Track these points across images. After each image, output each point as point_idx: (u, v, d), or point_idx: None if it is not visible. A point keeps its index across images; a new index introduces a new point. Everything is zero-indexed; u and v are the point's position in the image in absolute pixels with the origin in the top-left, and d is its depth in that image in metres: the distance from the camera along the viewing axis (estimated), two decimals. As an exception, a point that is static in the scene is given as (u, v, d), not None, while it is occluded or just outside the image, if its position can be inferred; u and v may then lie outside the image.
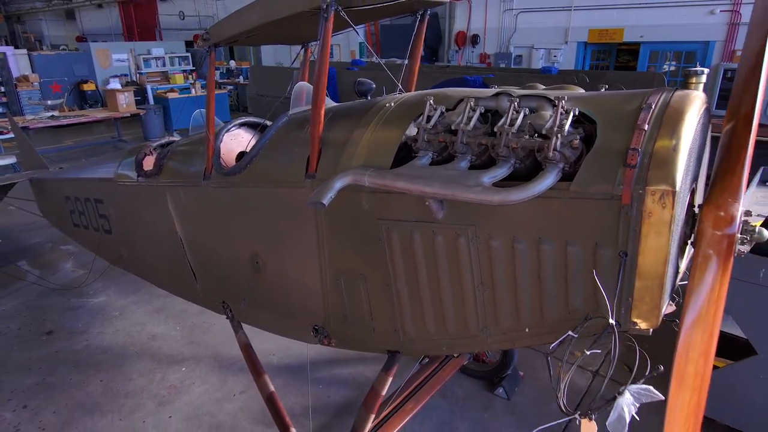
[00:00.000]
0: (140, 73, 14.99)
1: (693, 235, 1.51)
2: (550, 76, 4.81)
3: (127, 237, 3.72)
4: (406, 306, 2.04)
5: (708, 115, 1.70)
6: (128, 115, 10.40)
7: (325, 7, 1.90)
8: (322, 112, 2.09)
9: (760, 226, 1.50)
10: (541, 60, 11.92)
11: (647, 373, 1.40)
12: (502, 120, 1.62)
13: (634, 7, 10.44)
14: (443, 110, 1.83)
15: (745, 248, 1.50)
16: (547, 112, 1.61)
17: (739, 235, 1.45)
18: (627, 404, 1.33)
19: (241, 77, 15.68)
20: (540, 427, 1.67)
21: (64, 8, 29.28)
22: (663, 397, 1.36)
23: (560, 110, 1.53)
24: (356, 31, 2.31)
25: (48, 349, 3.93)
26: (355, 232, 2.06)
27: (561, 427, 1.79)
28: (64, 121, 9.44)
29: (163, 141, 3.66)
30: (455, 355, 3.10)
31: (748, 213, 1.57)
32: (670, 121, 1.42)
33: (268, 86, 7.59)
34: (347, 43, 15.50)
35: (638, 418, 1.37)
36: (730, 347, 2.92)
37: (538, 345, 1.81)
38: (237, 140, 3.03)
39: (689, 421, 1.53)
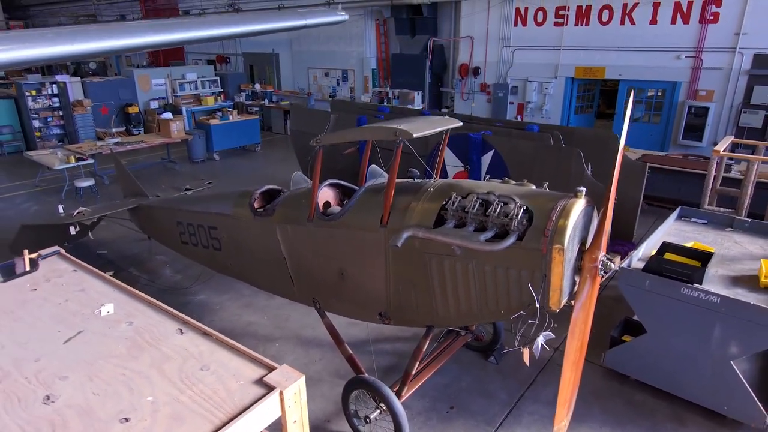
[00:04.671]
0: (176, 96, 16.71)
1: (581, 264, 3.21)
2: (533, 133, 6.50)
3: (235, 253, 5.38)
4: (438, 300, 3.73)
5: (592, 207, 3.39)
6: (179, 140, 12.12)
7: (397, 140, 3.61)
8: (392, 192, 3.78)
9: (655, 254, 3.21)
10: (534, 91, 13.65)
11: (549, 327, 3.11)
12: (491, 209, 3.32)
13: (613, 50, 12.17)
14: (460, 198, 3.52)
15: (603, 273, 3.19)
16: (512, 205, 3.31)
17: (600, 267, 3.15)
18: (540, 341, 3.03)
19: (266, 100, 17.40)
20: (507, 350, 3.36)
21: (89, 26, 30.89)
22: (554, 336, 3.07)
23: (517, 206, 3.23)
24: (415, 154, 4.02)
25: (176, 331, 5.60)
26: (411, 259, 3.75)
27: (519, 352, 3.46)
28: (129, 147, 11.15)
29: (263, 189, 5.31)
30: (462, 333, 4.82)
31: (607, 257, 3.26)
32: (564, 214, 3.11)
33: (305, 124, 9.29)
34: (361, 69, 17.18)
35: (547, 348, 3.07)
36: (634, 329, 4.63)
37: (506, 320, 3.50)
38: (324, 194, 4.74)
39: (577, 355, 3.23)
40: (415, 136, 3.59)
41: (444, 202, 3.57)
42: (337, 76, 17.93)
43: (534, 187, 3.61)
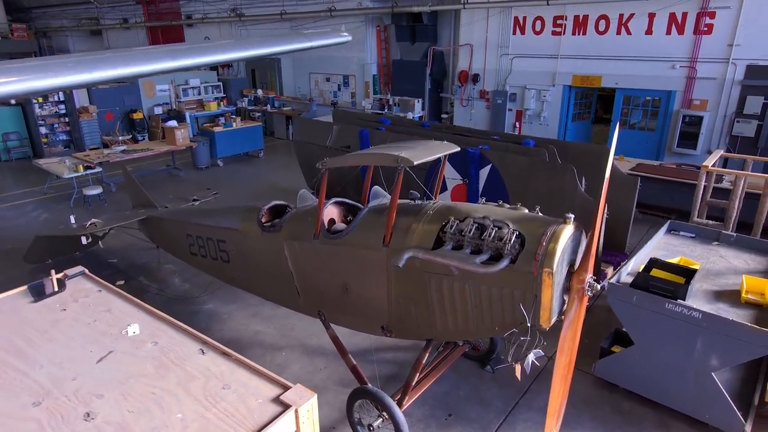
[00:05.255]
0: (179, 101, 16.95)
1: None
2: (529, 148, 6.75)
3: (243, 266, 5.62)
4: (437, 316, 3.97)
5: (580, 231, 3.63)
6: (183, 147, 12.37)
7: (398, 167, 3.85)
8: (394, 213, 4.02)
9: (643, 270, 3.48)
10: (532, 99, 13.88)
11: (539, 344, 3.36)
12: (485, 233, 3.56)
13: (610, 59, 12.40)
14: (458, 221, 3.77)
15: (590, 294, 3.44)
16: (505, 229, 3.55)
17: (587, 288, 3.40)
18: (531, 358, 3.28)
19: (268, 105, 17.64)
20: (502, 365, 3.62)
21: (92, 28, 31.14)
22: (543, 353, 3.32)
23: (510, 231, 3.48)
24: (416, 179, 4.26)
25: (187, 340, 5.86)
26: (411, 277, 3.99)
27: (509, 374, 3.71)
28: (136, 155, 11.40)
29: (270, 204, 5.54)
30: (460, 344, 5.07)
31: (593, 278, 3.50)
32: (554, 239, 3.36)
33: (308, 135, 9.54)
34: (362, 75, 17.42)
35: (537, 364, 3.31)
36: (623, 339, 4.89)
37: (500, 336, 3.75)
38: (329, 211, 4.98)
39: (566, 369, 3.48)
40: (415, 163, 3.84)
41: (443, 225, 3.82)
42: (338, 82, 18.16)
43: (527, 211, 3.85)
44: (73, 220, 7.70)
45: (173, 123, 12.11)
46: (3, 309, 3.27)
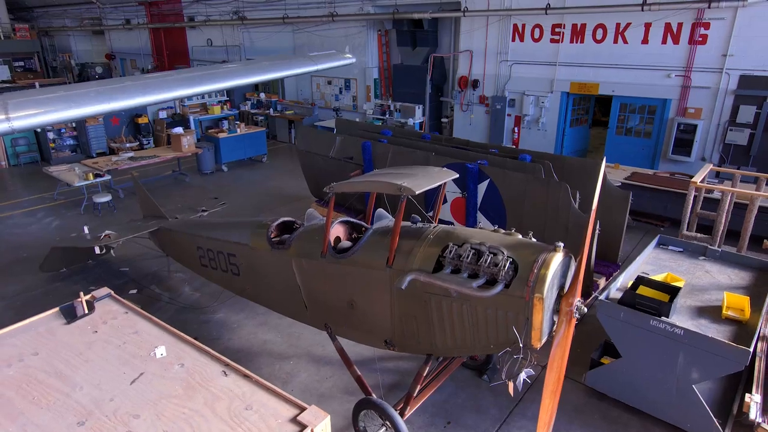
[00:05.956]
0: (183, 105, 17.20)
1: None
2: (525, 164, 7.03)
3: (253, 279, 5.91)
4: (437, 332, 4.28)
5: (569, 257, 3.93)
6: (189, 154, 12.66)
7: (401, 195, 4.15)
8: (397, 238, 4.32)
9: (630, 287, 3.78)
10: (531, 105, 14.14)
11: (530, 363, 3.67)
12: (482, 259, 3.86)
13: (607, 67, 12.66)
14: (456, 246, 4.06)
15: (578, 316, 3.74)
16: (500, 256, 3.85)
17: (575, 311, 3.70)
18: (522, 376, 3.59)
19: (270, 109, 17.90)
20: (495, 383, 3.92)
21: (94, 29, 31.31)
22: (534, 373, 3.62)
23: (505, 257, 3.77)
24: (417, 205, 4.55)
25: (199, 348, 6.18)
26: (413, 297, 4.29)
27: (504, 384, 4.01)
28: (143, 162, 11.69)
29: (279, 221, 5.83)
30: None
31: (581, 301, 3.80)
32: (545, 266, 3.66)
33: (312, 145, 9.81)
34: (363, 79, 17.67)
35: (529, 381, 3.62)
36: (613, 350, 5.20)
37: (496, 353, 4.05)
38: (335, 230, 5.27)
39: (555, 386, 3.78)
40: (416, 192, 4.13)
41: (443, 249, 4.11)
42: (339, 85, 18.41)
43: (521, 236, 4.15)
44: (87, 231, 7.99)
45: (179, 130, 12.37)
46: (39, 330, 3.58)
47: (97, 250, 7.71)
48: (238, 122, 14.65)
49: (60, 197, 11.77)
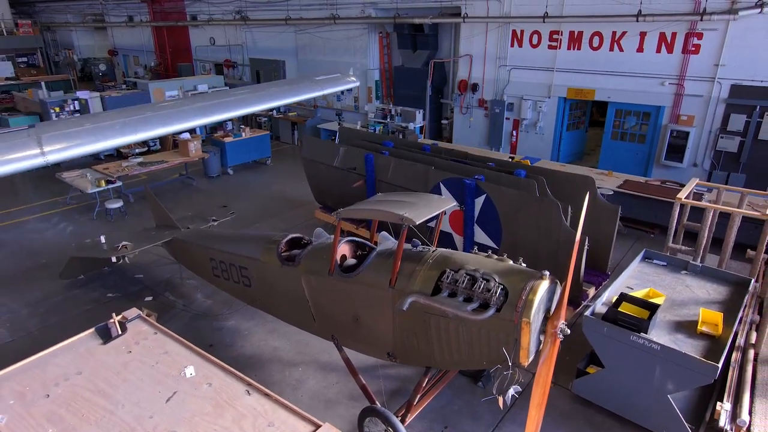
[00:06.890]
0: (188, 107, 17.54)
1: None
2: (519, 180, 7.42)
3: (264, 291, 6.32)
4: (435, 348, 4.70)
5: (555, 284, 4.34)
6: (196, 159, 13.04)
7: (403, 225, 4.55)
8: (399, 262, 4.73)
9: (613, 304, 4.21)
10: (529, 109, 14.48)
11: (518, 380, 4.10)
12: (476, 285, 4.27)
13: (603, 73, 12.98)
14: (453, 272, 4.47)
15: (562, 337, 4.16)
16: (492, 282, 4.26)
17: (559, 333, 4.13)
18: (511, 392, 4.02)
19: (273, 111, 18.21)
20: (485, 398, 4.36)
21: (96, 25, 31.44)
22: (521, 389, 4.06)
23: (496, 284, 4.19)
24: (419, 234, 4.96)
25: (215, 356, 6.60)
26: (413, 315, 4.71)
27: (494, 399, 4.44)
28: (152, 168, 12.07)
29: (288, 237, 6.22)
30: (456, 365, 5.82)
31: (565, 323, 4.21)
32: (532, 293, 4.07)
33: (316, 154, 10.19)
34: (365, 80, 17.95)
35: (517, 396, 4.06)
36: (598, 360, 5.64)
37: (488, 369, 4.47)
38: (341, 249, 5.68)
39: (540, 399, 4.21)
40: (417, 222, 4.54)
41: (441, 273, 4.52)
42: (341, 86, 18.68)
43: (512, 262, 4.56)
44: (103, 240, 8.40)
45: (186, 135, 12.74)
46: (79, 351, 4.00)
47: (114, 260, 8.13)
48: (242, 126, 14.98)
49: (72, 201, 12.17)
